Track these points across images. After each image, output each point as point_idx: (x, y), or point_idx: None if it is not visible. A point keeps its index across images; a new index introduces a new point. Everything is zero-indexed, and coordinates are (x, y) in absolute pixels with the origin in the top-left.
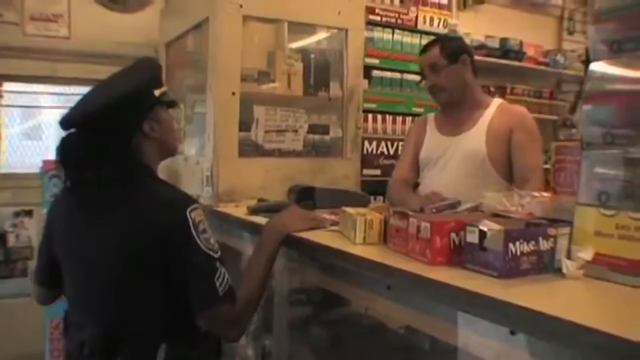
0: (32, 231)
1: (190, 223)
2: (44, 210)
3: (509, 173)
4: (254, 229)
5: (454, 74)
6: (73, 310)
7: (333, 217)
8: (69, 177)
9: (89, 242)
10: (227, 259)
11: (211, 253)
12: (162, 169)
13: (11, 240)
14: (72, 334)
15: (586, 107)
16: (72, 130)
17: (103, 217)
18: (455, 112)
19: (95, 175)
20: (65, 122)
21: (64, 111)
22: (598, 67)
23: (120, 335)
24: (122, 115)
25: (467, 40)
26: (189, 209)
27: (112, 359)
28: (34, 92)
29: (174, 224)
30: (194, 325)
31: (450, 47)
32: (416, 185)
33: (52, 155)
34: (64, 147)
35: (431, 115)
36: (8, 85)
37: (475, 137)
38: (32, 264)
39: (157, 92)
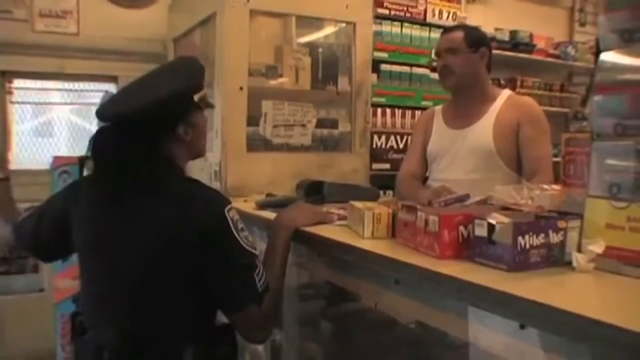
0: None
1: (230, 222)
2: None
3: (517, 165)
4: (263, 223)
5: (469, 61)
6: (92, 310)
7: (341, 211)
8: (100, 172)
9: (118, 239)
10: None
11: (252, 250)
12: None
13: None
14: (89, 336)
15: (596, 98)
16: (106, 124)
17: (135, 216)
18: (463, 104)
19: (119, 173)
20: (101, 116)
21: (74, 107)
22: (608, 57)
23: (145, 337)
24: (156, 119)
25: None
26: (226, 208)
27: None
28: (44, 89)
29: (213, 223)
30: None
31: (474, 36)
32: (425, 179)
33: (62, 151)
34: (95, 141)
35: (438, 108)
36: (18, 82)
37: (483, 130)
38: None
39: (196, 97)
